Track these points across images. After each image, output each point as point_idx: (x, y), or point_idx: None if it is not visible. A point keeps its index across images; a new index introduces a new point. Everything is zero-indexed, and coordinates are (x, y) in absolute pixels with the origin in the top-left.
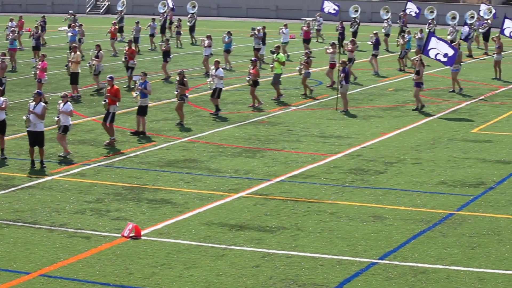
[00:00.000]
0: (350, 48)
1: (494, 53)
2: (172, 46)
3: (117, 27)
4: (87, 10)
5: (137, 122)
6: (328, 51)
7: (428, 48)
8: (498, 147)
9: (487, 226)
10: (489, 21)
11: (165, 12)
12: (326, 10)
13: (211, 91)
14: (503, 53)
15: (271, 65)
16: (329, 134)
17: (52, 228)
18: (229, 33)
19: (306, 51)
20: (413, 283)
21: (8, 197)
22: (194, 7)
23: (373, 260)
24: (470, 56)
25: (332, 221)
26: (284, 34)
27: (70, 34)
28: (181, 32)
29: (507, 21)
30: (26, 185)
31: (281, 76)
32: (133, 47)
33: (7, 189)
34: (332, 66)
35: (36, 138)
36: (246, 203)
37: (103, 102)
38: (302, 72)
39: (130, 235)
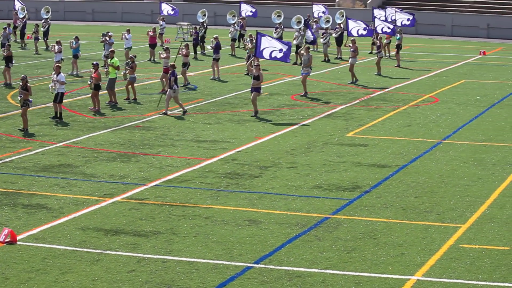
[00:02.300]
0: (184, 53)
1: (349, 57)
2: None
3: None
4: None
5: None
6: (161, 56)
7: (261, 49)
8: (373, 151)
9: (363, 229)
10: (341, 25)
11: (24, 17)
12: (164, 12)
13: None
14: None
15: (105, 70)
16: (204, 139)
17: None
18: (76, 38)
19: (131, 55)
20: (288, 287)
21: None
22: (48, 12)
23: (248, 264)
24: (327, 61)
25: (207, 225)
26: (127, 40)
27: None
28: (39, 37)
29: (350, 22)
30: None
31: (116, 80)
32: None
33: None
34: (166, 71)
35: None
36: (121, 208)
37: None
38: (127, 77)
39: (6, 240)
